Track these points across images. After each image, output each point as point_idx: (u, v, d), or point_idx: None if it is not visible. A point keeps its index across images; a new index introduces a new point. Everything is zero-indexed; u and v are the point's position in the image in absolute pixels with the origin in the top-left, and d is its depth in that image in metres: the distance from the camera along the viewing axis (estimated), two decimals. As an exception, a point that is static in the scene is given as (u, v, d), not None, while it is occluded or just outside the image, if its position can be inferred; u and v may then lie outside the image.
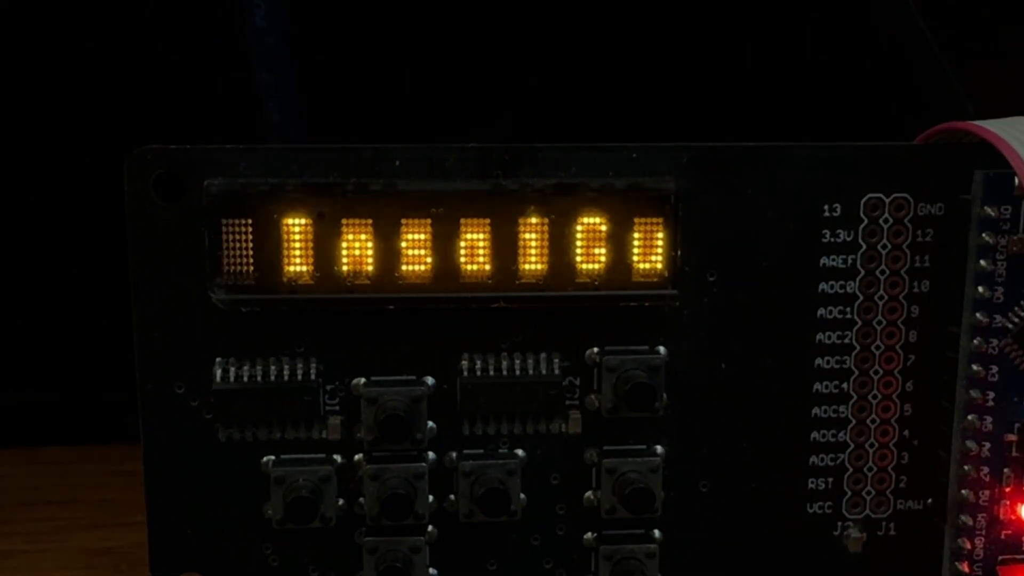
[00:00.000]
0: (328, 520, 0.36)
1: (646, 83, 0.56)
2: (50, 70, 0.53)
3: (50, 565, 0.42)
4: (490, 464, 0.36)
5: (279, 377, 0.36)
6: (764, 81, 0.56)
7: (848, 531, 0.38)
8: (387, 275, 0.35)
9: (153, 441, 0.36)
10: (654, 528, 0.37)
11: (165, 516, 0.36)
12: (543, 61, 0.56)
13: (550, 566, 0.38)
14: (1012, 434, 0.36)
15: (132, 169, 0.34)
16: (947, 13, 0.53)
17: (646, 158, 0.35)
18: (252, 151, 0.35)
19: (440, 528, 0.37)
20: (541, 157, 0.35)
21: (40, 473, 0.49)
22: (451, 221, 0.35)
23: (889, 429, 0.38)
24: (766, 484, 0.38)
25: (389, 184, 0.35)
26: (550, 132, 0.52)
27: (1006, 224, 0.35)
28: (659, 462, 0.37)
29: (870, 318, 0.37)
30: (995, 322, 0.36)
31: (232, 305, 0.35)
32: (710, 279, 0.36)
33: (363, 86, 0.56)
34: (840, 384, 0.37)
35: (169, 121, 0.53)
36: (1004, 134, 0.35)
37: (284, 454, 0.36)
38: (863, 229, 0.36)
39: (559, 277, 0.35)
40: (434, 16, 0.55)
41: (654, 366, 0.36)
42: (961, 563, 0.37)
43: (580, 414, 0.37)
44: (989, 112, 0.38)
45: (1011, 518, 0.37)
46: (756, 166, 0.36)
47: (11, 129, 0.53)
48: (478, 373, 0.36)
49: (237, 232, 0.34)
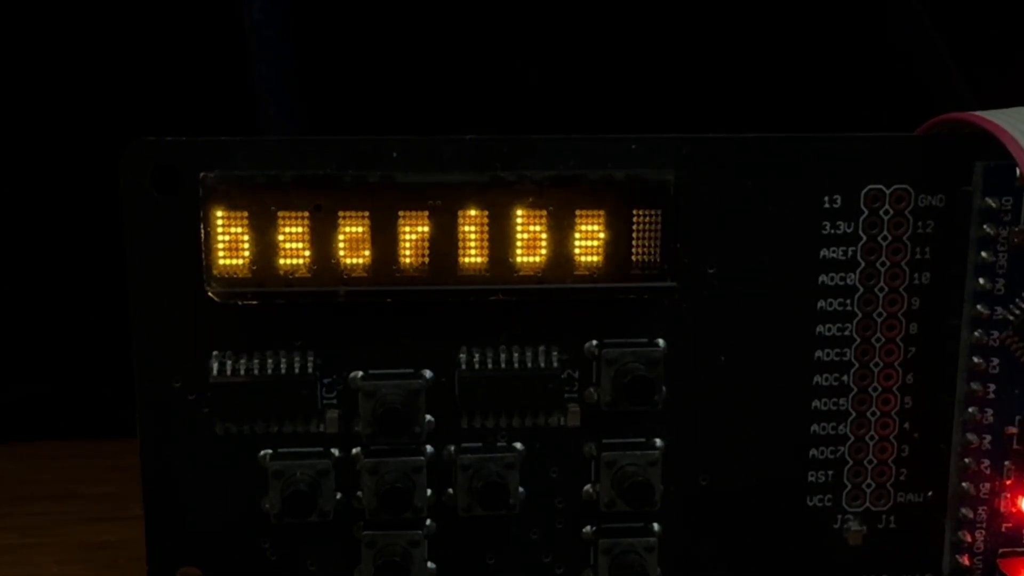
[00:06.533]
0: (326, 514, 0.36)
1: (645, 75, 0.56)
2: (46, 62, 0.53)
3: (47, 559, 0.41)
4: (489, 458, 0.36)
5: (276, 371, 0.35)
6: (764, 73, 0.56)
7: (848, 524, 0.38)
8: (384, 268, 0.35)
9: (150, 435, 0.36)
10: (653, 522, 0.37)
11: (163, 510, 0.36)
12: (542, 52, 0.56)
13: (549, 560, 0.38)
14: (1013, 427, 0.36)
15: (128, 161, 0.34)
16: (949, 4, 0.53)
17: (645, 150, 0.35)
18: (249, 143, 0.35)
19: (439, 522, 0.37)
20: (539, 149, 0.35)
21: (37, 467, 0.49)
22: (449, 213, 0.35)
23: (889, 422, 0.37)
24: (766, 477, 0.38)
25: (386, 176, 0.34)
26: (549, 124, 0.52)
27: (1007, 215, 0.35)
28: (658, 455, 0.36)
29: (870, 310, 0.37)
30: (996, 314, 0.36)
31: (229, 298, 0.35)
32: (709, 271, 0.36)
33: (360, 78, 0.55)
34: (840, 377, 0.37)
35: (166, 113, 0.53)
36: (1005, 125, 0.35)
37: (282, 448, 0.36)
38: (863, 221, 0.36)
39: (558, 270, 0.35)
40: (432, 8, 0.55)
41: (653, 359, 0.36)
42: (961, 556, 0.37)
43: (579, 407, 0.36)
44: (990, 103, 0.38)
45: (1012, 511, 0.37)
46: (756, 158, 0.36)
47: (7, 123, 0.53)
48: (476, 366, 0.36)
49: (233, 225, 0.34)
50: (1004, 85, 0.54)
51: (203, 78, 0.53)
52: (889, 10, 0.53)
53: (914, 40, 0.52)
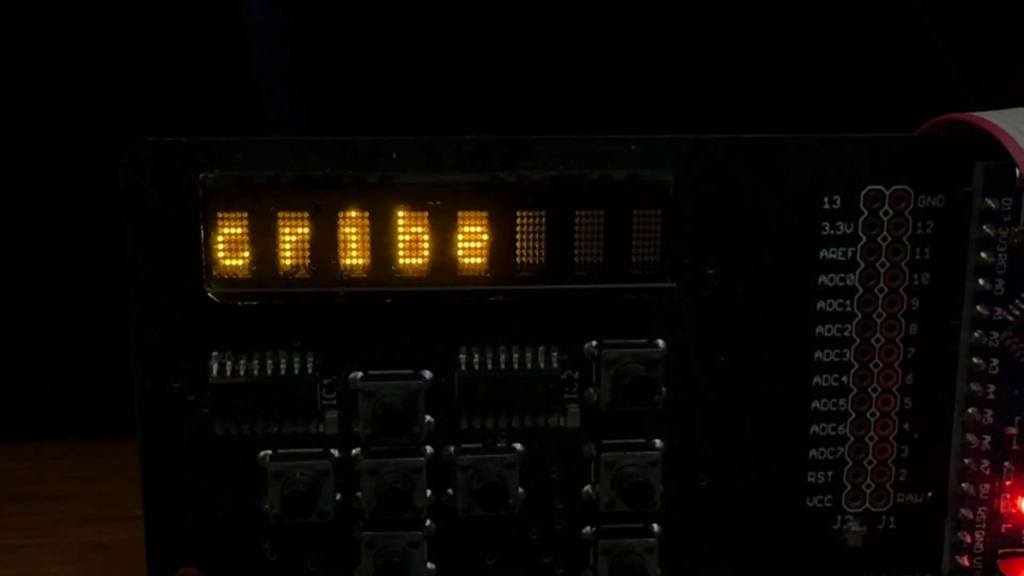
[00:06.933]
0: (325, 514, 0.36)
1: (645, 75, 0.56)
2: (46, 62, 0.53)
3: (46, 560, 0.41)
4: (488, 458, 0.36)
5: (276, 371, 0.35)
6: (763, 73, 0.56)
7: (848, 525, 0.38)
8: (384, 268, 0.35)
9: (150, 436, 0.36)
10: (653, 522, 0.37)
11: (162, 511, 0.36)
12: (542, 53, 0.56)
13: (548, 560, 0.38)
14: (1012, 427, 0.36)
15: (128, 162, 0.34)
16: (949, 4, 0.53)
17: (645, 150, 0.35)
18: (248, 144, 0.35)
19: (438, 522, 0.37)
20: (539, 150, 0.35)
21: (36, 468, 0.49)
22: (449, 214, 0.35)
23: (889, 422, 0.37)
24: (765, 477, 0.37)
25: (386, 177, 0.34)
26: (548, 124, 0.52)
27: (1007, 216, 0.35)
28: (658, 456, 0.36)
29: (870, 311, 0.37)
30: (996, 315, 0.36)
31: (228, 299, 0.35)
32: (709, 272, 0.36)
33: (360, 78, 0.55)
34: (840, 377, 0.37)
35: (165, 114, 0.53)
36: (1005, 125, 0.35)
37: (281, 448, 0.36)
38: (863, 221, 0.36)
39: (557, 270, 0.35)
40: (432, 8, 0.55)
41: (653, 359, 0.36)
42: (961, 557, 0.37)
43: (579, 408, 0.36)
44: (990, 103, 0.38)
45: (1011, 512, 0.37)
46: (755, 158, 0.36)
47: (7, 123, 0.53)
48: (476, 367, 0.36)
49: (233, 225, 0.34)
50: (1004, 85, 0.54)
51: (203, 78, 0.53)
52: (889, 10, 0.53)
53: (914, 40, 0.52)
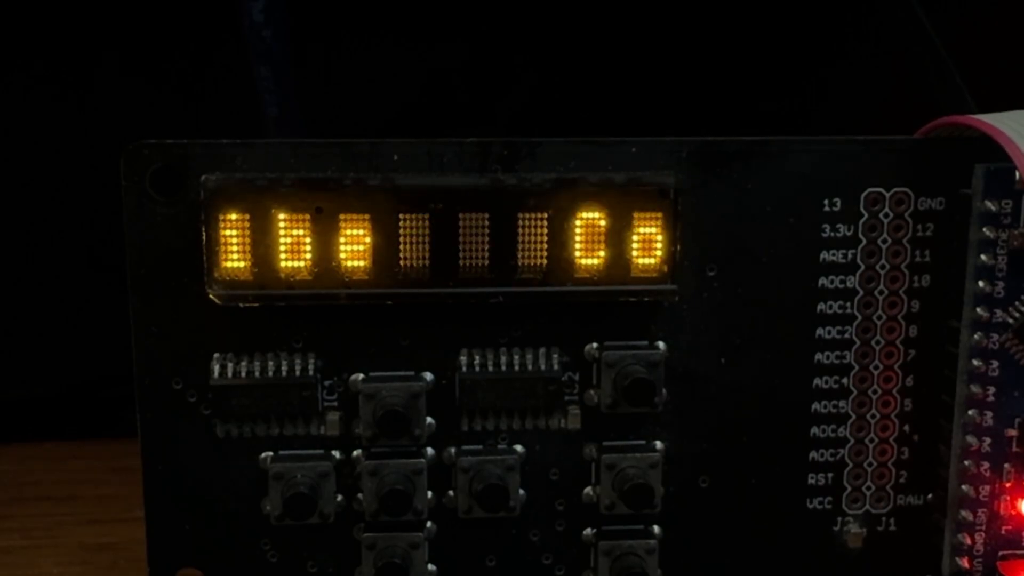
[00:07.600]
0: (326, 516, 0.36)
1: (645, 77, 0.56)
2: (46, 62, 0.53)
3: (48, 561, 0.41)
4: (489, 460, 0.36)
5: (277, 373, 0.35)
6: (764, 74, 0.56)
7: (848, 527, 0.38)
8: (385, 270, 0.35)
9: (151, 437, 0.36)
10: (653, 524, 0.37)
11: (163, 512, 0.36)
12: (542, 56, 0.56)
13: (549, 562, 0.38)
14: (1012, 429, 0.36)
15: (129, 164, 0.34)
16: (949, 5, 0.53)
17: (645, 152, 0.35)
18: (249, 146, 0.35)
19: (439, 524, 0.37)
20: (540, 152, 0.35)
21: (37, 468, 0.49)
22: (449, 216, 0.35)
23: (889, 424, 0.37)
24: (766, 479, 0.38)
25: (387, 179, 0.34)
26: (549, 127, 0.52)
27: (1007, 218, 0.35)
28: (658, 458, 0.36)
29: (870, 313, 0.37)
30: (996, 317, 0.36)
31: (230, 300, 0.35)
32: (710, 274, 0.36)
33: (360, 79, 0.55)
34: (840, 379, 0.37)
35: (166, 115, 0.53)
36: (1004, 127, 0.35)
37: (282, 450, 0.36)
38: (863, 223, 0.36)
39: (558, 272, 0.35)
40: (432, 10, 0.55)
41: (653, 361, 0.36)
42: (961, 559, 0.37)
43: (579, 410, 0.36)
44: (990, 105, 0.38)
45: (1011, 514, 0.37)
46: (756, 160, 0.36)
47: (9, 126, 0.53)
48: (477, 369, 0.36)
49: (234, 227, 0.34)
50: (1004, 87, 0.54)
51: (203, 78, 0.53)
52: (889, 12, 0.53)
53: (914, 42, 0.52)
